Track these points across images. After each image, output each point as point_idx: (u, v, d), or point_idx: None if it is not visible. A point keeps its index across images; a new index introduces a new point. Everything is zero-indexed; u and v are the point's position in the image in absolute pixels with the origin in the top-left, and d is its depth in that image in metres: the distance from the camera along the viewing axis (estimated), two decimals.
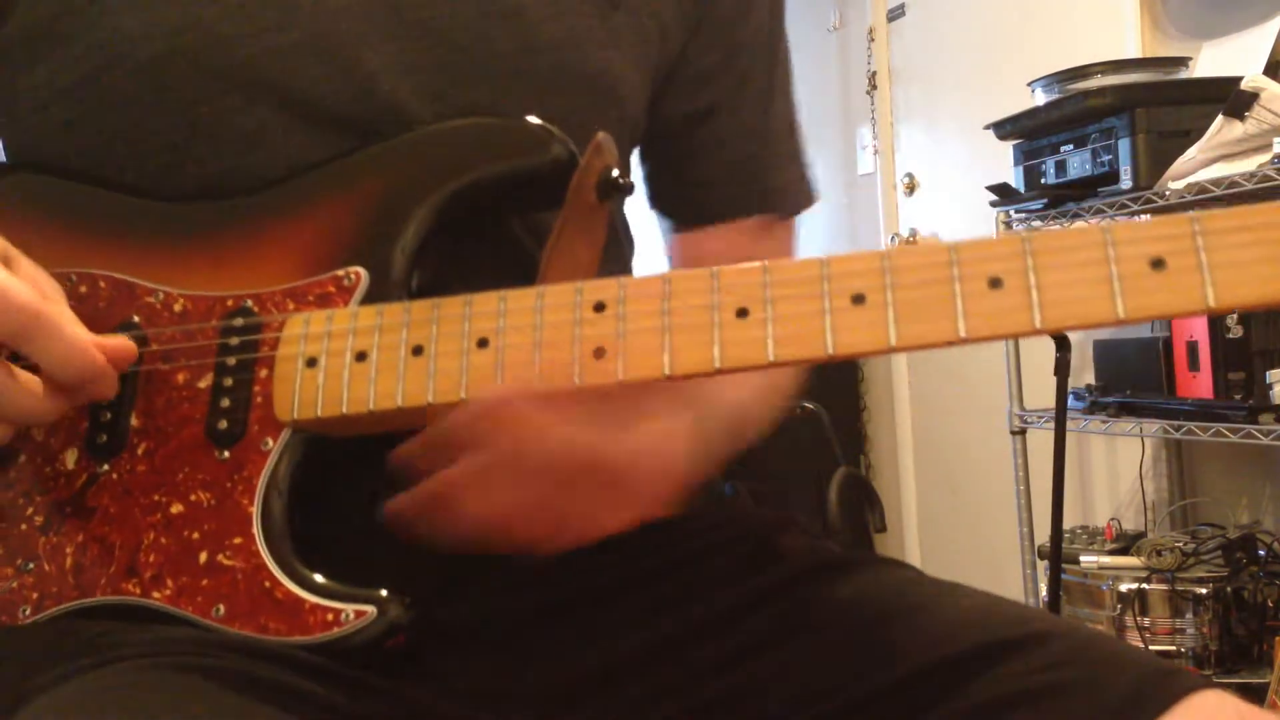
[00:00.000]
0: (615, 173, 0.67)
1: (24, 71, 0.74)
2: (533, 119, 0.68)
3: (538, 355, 0.61)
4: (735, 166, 0.87)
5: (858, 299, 0.56)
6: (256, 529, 0.63)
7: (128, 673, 0.56)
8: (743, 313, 0.57)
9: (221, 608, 0.62)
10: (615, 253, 0.82)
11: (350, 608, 0.61)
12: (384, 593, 0.62)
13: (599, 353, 0.60)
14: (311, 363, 0.65)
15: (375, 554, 0.69)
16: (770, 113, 0.89)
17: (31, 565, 0.66)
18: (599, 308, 0.60)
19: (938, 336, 0.55)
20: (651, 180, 0.90)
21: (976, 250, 0.55)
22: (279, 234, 0.69)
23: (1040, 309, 0.53)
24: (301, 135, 0.70)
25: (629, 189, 0.68)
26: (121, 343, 0.65)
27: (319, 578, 0.63)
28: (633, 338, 0.59)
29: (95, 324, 0.68)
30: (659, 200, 0.90)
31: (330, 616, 0.61)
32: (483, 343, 0.62)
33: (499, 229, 0.72)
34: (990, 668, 0.63)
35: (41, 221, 0.73)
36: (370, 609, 0.61)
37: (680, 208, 0.89)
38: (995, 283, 0.54)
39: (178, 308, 0.68)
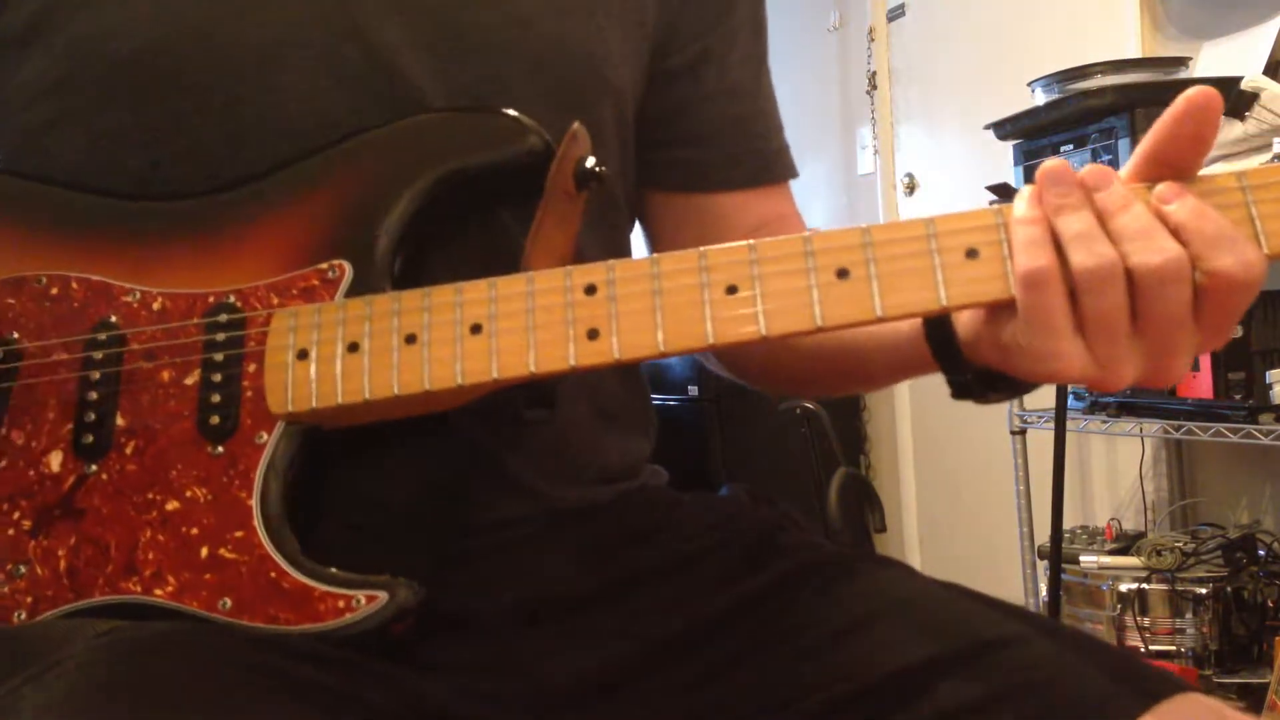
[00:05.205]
0: (591, 161, 0.67)
1: (11, 72, 0.73)
2: (509, 111, 0.68)
3: (532, 338, 0.61)
4: (730, 123, 0.85)
5: (842, 273, 0.58)
6: (258, 521, 0.64)
7: (134, 660, 0.56)
8: (732, 289, 0.59)
9: (228, 601, 0.63)
10: (614, 220, 0.81)
11: (361, 593, 0.62)
12: (390, 577, 0.62)
13: (593, 334, 0.61)
14: (303, 355, 0.65)
15: (369, 543, 0.69)
16: (759, 78, 0.87)
17: (23, 569, 0.65)
18: (590, 290, 0.61)
19: (921, 305, 0.58)
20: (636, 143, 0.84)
21: (952, 224, 0.58)
22: (258, 230, 0.69)
23: (1015, 275, 0.56)
24: (289, 131, 0.70)
25: (605, 177, 0.68)
26: None
27: (326, 566, 0.63)
28: (625, 318, 0.60)
29: (69, 324, 0.68)
30: (644, 165, 0.84)
31: (342, 603, 0.62)
32: (476, 328, 0.62)
33: (482, 218, 0.72)
34: (969, 668, 0.63)
35: (13, 225, 0.72)
36: (381, 594, 0.62)
37: (669, 170, 0.85)
38: (972, 253, 0.57)
39: (156, 306, 0.68)
